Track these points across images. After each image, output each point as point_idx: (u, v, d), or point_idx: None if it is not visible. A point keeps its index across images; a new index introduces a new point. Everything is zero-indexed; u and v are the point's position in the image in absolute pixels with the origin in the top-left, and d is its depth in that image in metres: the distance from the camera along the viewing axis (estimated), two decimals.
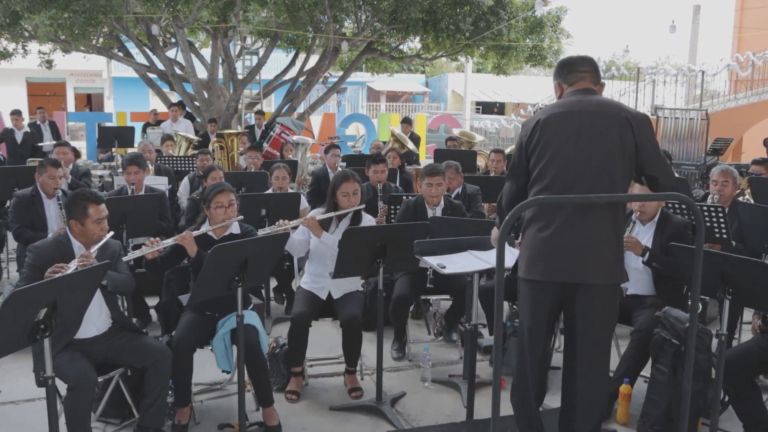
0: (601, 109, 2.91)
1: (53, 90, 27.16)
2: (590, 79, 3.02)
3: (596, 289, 2.88)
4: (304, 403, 4.17)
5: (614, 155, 2.88)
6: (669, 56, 44.79)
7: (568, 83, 3.05)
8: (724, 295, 3.21)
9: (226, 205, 3.83)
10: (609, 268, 2.90)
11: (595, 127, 2.88)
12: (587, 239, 2.85)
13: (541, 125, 2.93)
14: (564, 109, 2.94)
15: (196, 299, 3.38)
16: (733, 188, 4.99)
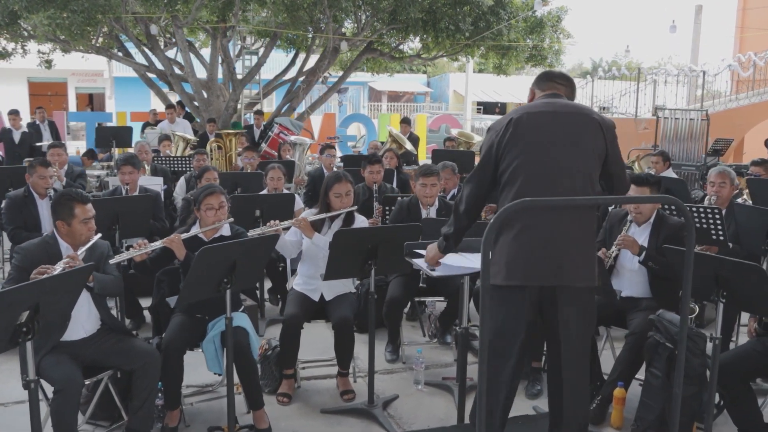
0: (574, 110, 2.91)
1: (55, 90, 27.19)
2: (564, 91, 3.03)
3: (575, 292, 2.86)
4: (296, 405, 4.13)
5: (589, 157, 2.87)
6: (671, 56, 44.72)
7: (541, 89, 3.06)
8: (718, 299, 3.17)
9: (216, 207, 3.80)
10: (587, 270, 2.87)
11: (570, 129, 2.87)
12: (566, 242, 2.81)
13: (514, 123, 2.89)
14: (537, 109, 2.92)
15: (183, 301, 3.35)
16: (730, 189, 4.95)
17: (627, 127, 13.94)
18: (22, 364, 3.17)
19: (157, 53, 12.34)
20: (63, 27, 10.10)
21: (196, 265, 3.13)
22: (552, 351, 2.98)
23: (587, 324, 2.96)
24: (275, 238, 3.63)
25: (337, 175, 4.35)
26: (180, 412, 3.79)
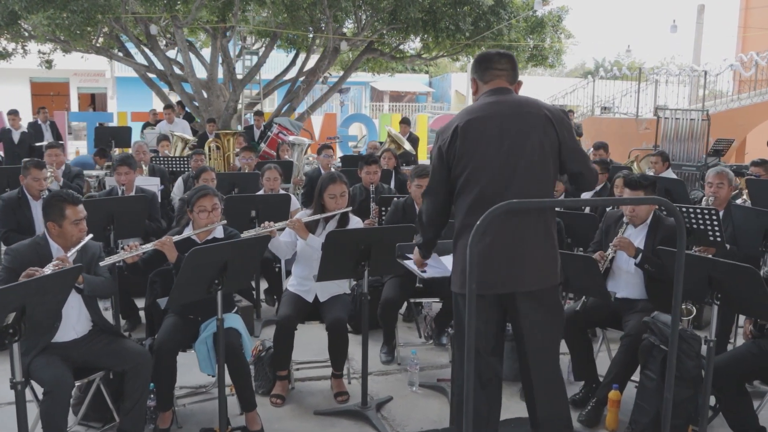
0: (520, 110, 2.83)
1: (57, 90, 27.24)
2: (507, 78, 2.93)
3: (536, 294, 2.84)
4: (289, 407, 4.12)
5: (540, 155, 2.81)
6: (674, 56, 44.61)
7: (483, 81, 2.95)
8: (712, 301, 3.15)
9: (209, 209, 3.78)
10: (545, 270, 2.85)
11: (517, 129, 2.80)
12: (521, 246, 2.79)
13: (460, 132, 2.83)
14: (482, 113, 2.84)
15: (173, 303, 3.34)
16: (728, 190, 4.91)
17: (628, 127, 13.90)
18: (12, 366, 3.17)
19: (157, 53, 12.33)
20: (62, 27, 10.10)
21: (186, 266, 3.12)
22: (520, 352, 2.97)
23: (553, 323, 2.94)
24: (267, 239, 3.61)
25: (331, 176, 4.33)
26: (172, 414, 3.78)
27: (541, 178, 2.83)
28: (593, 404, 3.94)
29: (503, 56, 2.95)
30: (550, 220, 2.90)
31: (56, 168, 6.68)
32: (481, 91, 2.96)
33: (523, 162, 2.79)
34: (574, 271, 3.57)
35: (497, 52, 2.99)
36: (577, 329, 4.14)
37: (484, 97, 2.92)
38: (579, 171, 2.91)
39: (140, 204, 4.89)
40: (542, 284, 2.85)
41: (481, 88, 2.97)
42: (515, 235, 2.78)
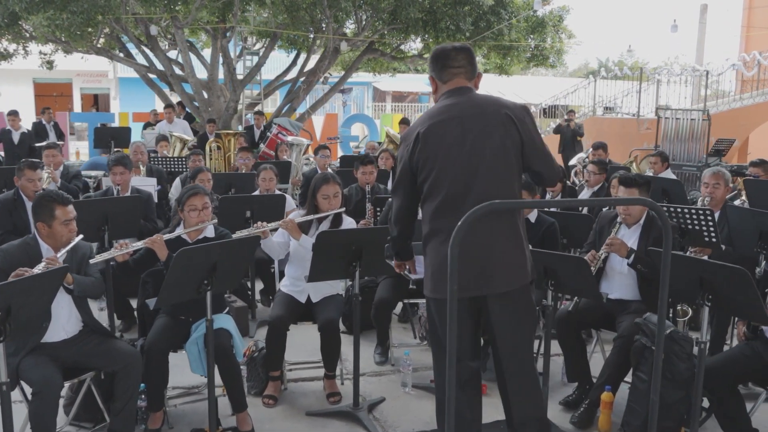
0: (481, 110, 2.79)
1: (60, 90, 27.30)
2: (465, 75, 2.87)
3: (507, 295, 2.82)
4: (281, 408, 4.11)
5: (502, 155, 2.77)
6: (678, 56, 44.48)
7: (442, 81, 2.90)
8: (703, 302, 3.13)
9: (199, 208, 3.78)
10: (515, 271, 2.83)
11: (478, 130, 2.76)
12: (489, 247, 2.76)
13: (422, 138, 2.80)
14: (442, 117, 2.81)
15: (162, 303, 3.33)
16: (725, 190, 4.88)
17: (629, 127, 13.86)
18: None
19: (157, 54, 12.34)
20: (62, 28, 10.11)
21: (174, 267, 3.11)
22: (494, 354, 2.96)
23: (526, 323, 2.93)
24: (256, 239, 3.61)
25: (324, 176, 4.32)
26: (163, 414, 3.77)
27: (504, 177, 2.80)
28: (586, 405, 3.92)
29: (460, 51, 2.89)
30: (517, 219, 2.89)
31: (54, 168, 6.69)
32: (440, 90, 2.92)
33: (485, 163, 2.76)
34: (566, 273, 3.55)
35: (453, 47, 2.92)
36: (571, 330, 4.13)
37: (443, 99, 2.88)
38: (539, 170, 2.88)
39: (135, 204, 4.88)
40: (514, 284, 2.83)
41: (440, 87, 2.92)
42: (484, 237, 2.75)
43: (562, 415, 4.05)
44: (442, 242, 2.75)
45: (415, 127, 2.87)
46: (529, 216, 4.74)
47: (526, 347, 2.96)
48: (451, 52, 2.88)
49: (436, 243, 2.81)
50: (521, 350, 2.92)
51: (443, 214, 2.77)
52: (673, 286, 3.36)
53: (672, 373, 3.42)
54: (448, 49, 2.90)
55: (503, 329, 2.86)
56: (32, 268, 3.20)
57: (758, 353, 3.45)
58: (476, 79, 2.95)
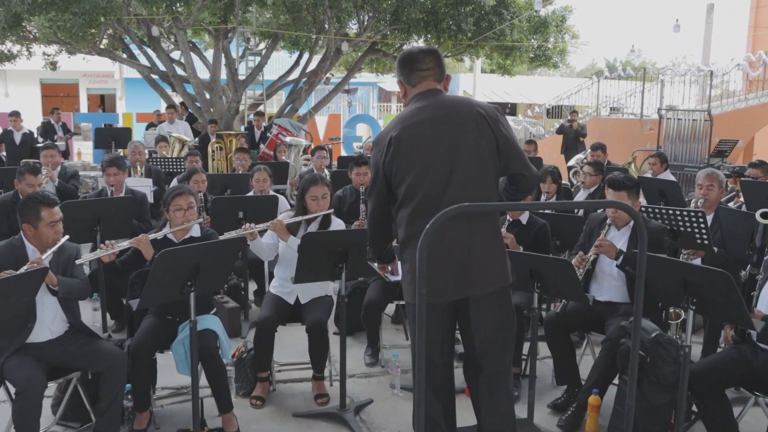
0: (452, 110, 2.74)
1: (66, 91, 27.46)
2: (434, 77, 2.82)
3: (487, 297, 2.79)
4: (269, 409, 4.11)
5: (477, 156, 2.72)
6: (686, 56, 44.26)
7: (411, 85, 2.84)
8: (687, 305, 3.10)
9: (185, 208, 3.79)
10: (495, 273, 2.80)
11: (451, 132, 2.71)
12: (468, 250, 2.72)
13: (394, 142, 2.75)
14: (414, 120, 2.75)
15: (144, 304, 3.34)
16: (719, 192, 4.84)
17: (633, 127, 13.80)
18: None
19: (159, 54, 12.38)
20: (64, 29, 10.15)
21: (156, 268, 3.12)
22: (468, 355, 2.91)
23: (504, 325, 2.89)
24: (242, 240, 3.61)
25: (313, 177, 4.32)
26: (150, 414, 3.78)
27: (480, 179, 2.75)
28: (573, 409, 3.90)
29: (427, 54, 2.84)
30: (497, 221, 2.87)
31: (51, 168, 6.72)
32: (410, 94, 2.86)
33: (460, 164, 2.71)
34: (551, 275, 3.53)
35: (420, 50, 2.87)
36: (560, 333, 4.12)
37: (414, 102, 2.83)
38: (519, 172, 2.81)
39: (127, 205, 4.91)
40: (494, 286, 2.80)
41: (409, 91, 2.87)
42: (464, 239, 2.72)
43: (550, 418, 4.03)
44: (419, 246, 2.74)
45: (387, 132, 2.82)
46: (520, 218, 4.73)
47: (505, 351, 2.91)
48: (418, 54, 2.84)
49: (414, 248, 2.72)
50: (500, 354, 2.88)
51: (419, 218, 2.71)
52: (658, 289, 3.37)
53: (657, 377, 3.40)
54: (414, 53, 2.86)
55: (483, 332, 2.83)
56: (18, 269, 3.22)
57: (745, 357, 3.42)
58: (445, 81, 2.90)
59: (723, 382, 3.46)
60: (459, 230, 2.71)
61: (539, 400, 4.23)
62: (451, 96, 2.87)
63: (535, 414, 4.00)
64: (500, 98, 31.93)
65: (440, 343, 2.85)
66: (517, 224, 4.72)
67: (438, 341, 2.84)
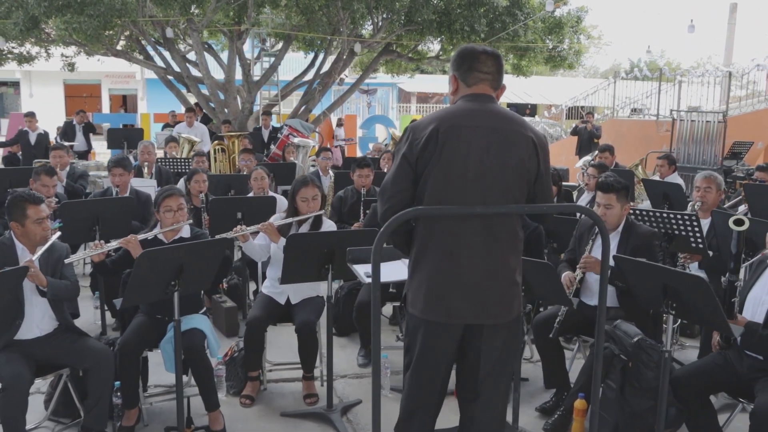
0: (507, 127, 2.54)
1: (89, 91, 27.90)
2: (491, 84, 2.61)
3: (501, 326, 2.61)
4: (257, 408, 4.15)
5: (516, 179, 2.54)
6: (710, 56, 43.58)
7: (466, 84, 2.60)
8: (667, 310, 3.08)
9: (174, 209, 3.84)
10: (514, 300, 2.62)
11: (502, 147, 2.51)
12: (492, 272, 2.54)
13: (440, 137, 2.48)
14: (466, 122, 2.51)
15: (127, 304, 3.39)
16: (717, 195, 4.78)
17: (648, 129, 13.65)
18: None
19: (173, 55, 12.53)
20: (78, 31, 10.33)
21: (137, 268, 3.17)
22: (469, 382, 2.71)
23: (511, 355, 2.74)
24: (226, 241, 3.65)
25: (303, 179, 4.35)
26: (139, 412, 3.84)
27: (511, 200, 2.54)
28: (560, 413, 3.89)
29: (490, 56, 2.61)
30: (519, 248, 2.67)
31: (60, 169, 6.85)
32: (461, 92, 2.62)
33: (499, 182, 2.51)
34: (535, 278, 3.52)
35: (484, 50, 2.63)
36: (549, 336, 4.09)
37: (465, 102, 2.57)
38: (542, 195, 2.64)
39: (126, 205, 4.98)
40: (511, 315, 2.62)
41: (461, 89, 2.62)
42: (490, 260, 2.53)
43: (537, 421, 4.02)
44: (441, 258, 2.52)
45: (430, 123, 2.52)
46: None
47: (506, 378, 2.79)
48: (482, 55, 2.60)
49: (434, 258, 2.54)
50: (501, 381, 2.74)
51: (445, 230, 2.51)
52: (639, 294, 3.35)
53: (639, 381, 3.37)
54: (478, 51, 2.62)
55: (490, 362, 2.65)
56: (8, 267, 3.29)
57: (730, 363, 3.38)
58: (500, 91, 2.67)
59: (707, 388, 3.42)
60: (487, 248, 2.53)
61: (529, 403, 4.22)
62: (507, 110, 2.64)
63: (524, 417, 4.00)
64: (520, 99, 31.75)
65: (444, 365, 2.68)
66: None
67: (443, 363, 2.68)
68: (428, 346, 2.64)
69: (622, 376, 3.44)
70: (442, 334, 2.61)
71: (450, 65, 2.69)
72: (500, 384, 2.75)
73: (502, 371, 2.72)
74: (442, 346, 2.64)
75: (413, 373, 2.72)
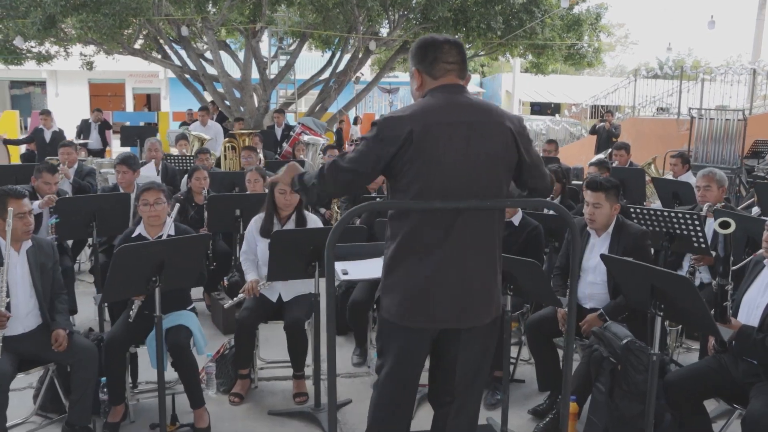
0: (484, 118, 2.42)
1: (113, 90, 28.28)
2: (458, 74, 2.47)
3: (479, 329, 2.53)
4: (246, 406, 4.12)
5: (500, 174, 2.45)
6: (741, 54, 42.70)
7: (432, 77, 2.46)
8: (655, 311, 2.97)
9: (150, 203, 3.84)
10: (493, 302, 2.54)
11: (482, 145, 2.40)
12: (471, 276, 2.45)
13: (415, 138, 2.33)
14: (440, 119, 2.37)
15: (106, 300, 3.38)
16: (718, 193, 4.63)
17: (669, 128, 13.40)
18: None
19: (189, 54, 12.61)
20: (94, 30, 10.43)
21: (114, 264, 3.15)
22: (445, 387, 2.65)
23: (488, 358, 2.66)
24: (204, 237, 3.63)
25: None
26: (125, 408, 3.83)
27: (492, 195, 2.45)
28: (552, 416, 3.79)
29: (453, 45, 2.48)
30: (498, 249, 2.57)
31: (68, 166, 6.92)
32: (428, 86, 2.48)
33: (482, 183, 2.42)
34: (522, 277, 3.43)
35: (446, 39, 2.51)
36: (542, 337, 4.00)
37: (435, 96, 2.43)
38: (535, 186, 2.59)
39: (122, 202, 4.99)
40: (487, 319, 2.54)
41: (427, 82, 2.49)
42: (469, 263, 2.45)
43: (529, 424, 3.93)
44: (421, 261, 2.42)
45: (405, 122, 2.36)
46: (512, 219, 4.61)
47: (482, 380, 2.70)
48: (445, 45, 2.47)
49: (415, 261, 2.43)
50: (477, 384, 2.67)
51: (425, 233, 2.42)
52: (628, 295, 3.24)
53: (629, 385, 3.26)
54: (439, 41, 2.49)
55: (468, 366, 2.60)
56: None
57: (725, 367, 3.26)
58: (466, 81, 2.54)
59: (701, 393, 3.30)
60: (466, 251, 2.44)
61: (523, 405, 4.13)
62: (481, 100, 2.51)
63: (517, 420, 3.92)
64: (544, 98, 31.46)
65: (419, 370, 2.61)
66: (509, 226, 4.60)
67: (418, 369, 2.60)
68: (404, 353, 2.55)
69: (612, 378, 3.34)
70: (418, 340, 2.52)
71: (410, 59, 2.55)
72: (476, 387, 2.69)
73: (478, 374, 2.65)
74: (418, 352, 2.56)
75: (387, 380, 2.62)
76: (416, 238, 2.43)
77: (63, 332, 3.50)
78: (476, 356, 2.59)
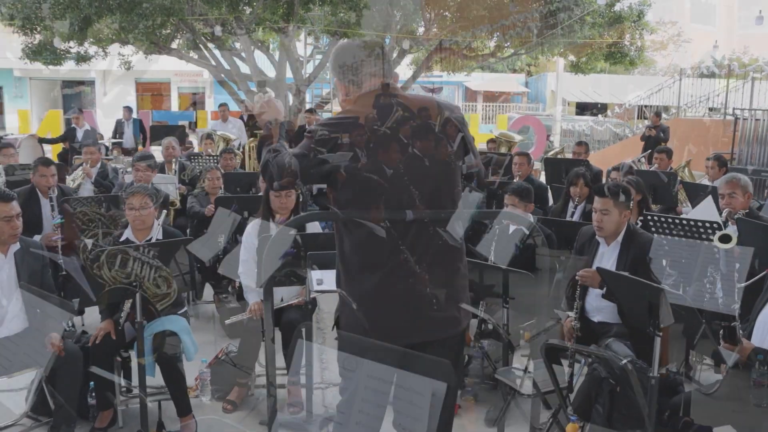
0: (421, 114, 2.32)
1: (159, 89, 28.80)
2: (384, 75, 2.36)
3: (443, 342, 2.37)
4: (238, 414, 4.03)
5: (443, 166, 2.34)
6: None
7: (358, 87, 2.37)
8: (654, 331, 2.75)
9: (136, 207, 3.77)
10: (457, 311, 2.39)
11: (422, 141, 2.30)
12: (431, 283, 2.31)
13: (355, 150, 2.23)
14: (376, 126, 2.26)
15: (85, 305, 3.32)
16: (745, 199, 4.32)
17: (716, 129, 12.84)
18: None
19: (223, 54, 12.67)
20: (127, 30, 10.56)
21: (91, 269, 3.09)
22: None
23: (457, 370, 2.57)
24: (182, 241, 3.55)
25: None
26: (114, 413, 3.77)
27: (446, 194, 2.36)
28: None
29: (369, 50, 2.40)
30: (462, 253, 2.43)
31: (91, 166, 6.99)
32: (354, 93, 2.39)
33: (427, 186, 2.31)
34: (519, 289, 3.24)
35: (362, 43, 2.44)
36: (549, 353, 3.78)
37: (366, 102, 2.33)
38: (473, 173, 2.49)
39: None
40: (456, 328, 2.42)
41: (353, 91, 2.40)
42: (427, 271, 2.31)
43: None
44: (371, 274, 2.30)
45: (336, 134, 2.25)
46: None
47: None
48: (360, 51, 2.39)
49: (364, 275, 2.33)
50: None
51: (377, 245, 2.29)
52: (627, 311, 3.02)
53: (628, 408, 3.03)
54: (356, 47, 2.42)
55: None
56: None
57: None
58: (394, 78, 2.44)
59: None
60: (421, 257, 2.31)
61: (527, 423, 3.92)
62: (414, 95, 2.48)
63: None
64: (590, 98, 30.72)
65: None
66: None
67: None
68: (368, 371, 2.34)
69: (610, 401, 3.11)
70: (383, 357, 2.31)
71: (330, 71, 2.46)
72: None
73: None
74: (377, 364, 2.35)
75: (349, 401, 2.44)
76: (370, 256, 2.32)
77: (57, 335, 3.44)
78: None
